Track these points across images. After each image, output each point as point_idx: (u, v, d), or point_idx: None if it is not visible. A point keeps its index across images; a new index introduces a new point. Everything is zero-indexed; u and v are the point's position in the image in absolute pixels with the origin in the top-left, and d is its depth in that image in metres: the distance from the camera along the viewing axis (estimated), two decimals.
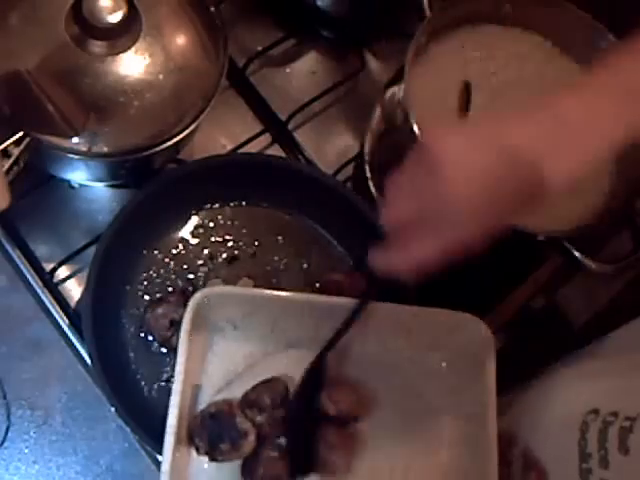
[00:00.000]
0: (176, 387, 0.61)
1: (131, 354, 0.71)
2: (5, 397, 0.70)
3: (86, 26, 0.63)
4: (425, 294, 0.71)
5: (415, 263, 0.52)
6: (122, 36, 0.65)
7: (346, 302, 0.64)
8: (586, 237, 0.68)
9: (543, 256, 0.81)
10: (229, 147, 0.82)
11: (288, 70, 0.88)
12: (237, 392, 0.64)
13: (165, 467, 0.59)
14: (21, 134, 0.62)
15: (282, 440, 0.64)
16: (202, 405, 0.64)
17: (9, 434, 0.69)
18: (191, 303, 0.63)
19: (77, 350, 0.72)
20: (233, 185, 0.75)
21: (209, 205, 0.76)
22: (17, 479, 0.68)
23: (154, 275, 0.73)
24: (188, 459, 0.62)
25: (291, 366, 0.66)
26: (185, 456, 0.62)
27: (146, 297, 0.72)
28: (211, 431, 0.61)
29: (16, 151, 0.62)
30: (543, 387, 0.63)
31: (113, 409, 0.66)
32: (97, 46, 0.65)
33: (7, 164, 0.61)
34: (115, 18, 0.62)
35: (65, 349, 0.72)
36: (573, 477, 0.53)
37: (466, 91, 0.71)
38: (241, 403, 0.63)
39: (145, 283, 0.73)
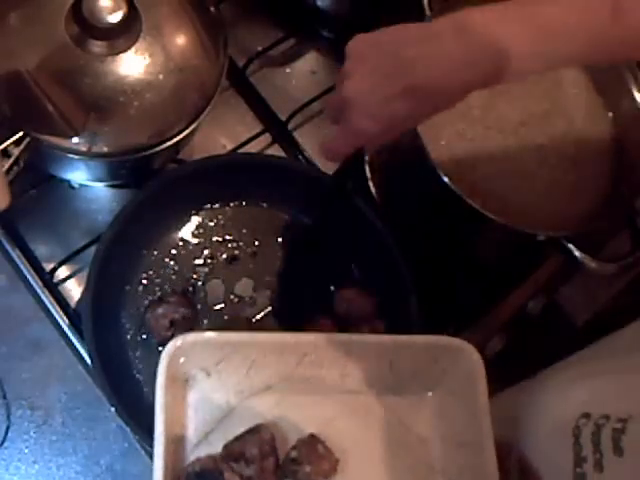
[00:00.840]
0: (158, 449, 0.57)
1: (131, 354, 0.71)
2: (5, 397, 0.70)
3: (86, 26, 0.63)
4: (426, 295, 0.71)
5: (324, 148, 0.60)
6: (122, 36, 0.65)
7: (332, 336, 0.63)
8: (586, 237, 0.68)
9: (543, 256, 0.81)
10: (229, 147, 0.82)
11: (288, 70, 0.88)
12: (218, 443, 0.61)
13: None
14: (21, 134, 0.62)
15: None
16: (184, 461, 0.60)
17: (9, 434, 0.69)
18: (163, 354, 0.59)
19: (77, 350, 0.72)
20: (233, 185, 0.75)
21: (209, 205, 0.76)
22: (17, 479, 0.68)
23: (154, 275, 0.73)
24: None
25: (272, 408, 0.63)
26: None
27: (146, 297, 0.72)
28: None
29: (16, 151, 0.62)
30: (535, 392, 0.62)
31: (113, 409, 0.66)
32: (97, 46, 0.65)
33: (7, 164, 0.61)
34: (115, 18, 0.62)
35: (65, 349, 0.72)
36: None
37: None
38: (225, 456, 0.60)
39: (145, 283, 0.73)
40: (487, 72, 0.52)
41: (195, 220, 0.76)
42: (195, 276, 0.74)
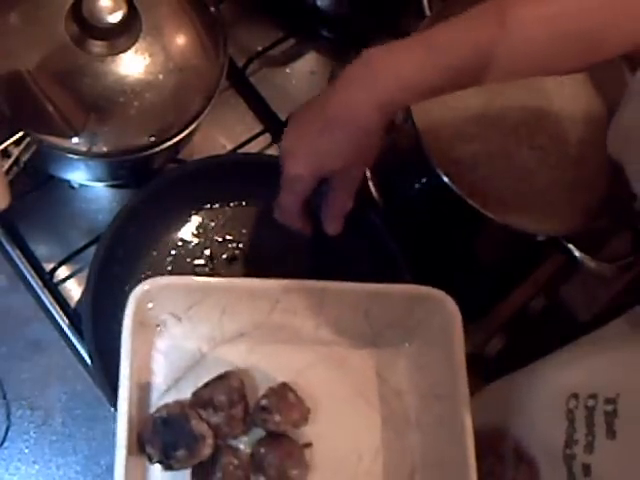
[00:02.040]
0: (123, 393, 0.56)
1: None
2: (5, 397, 0.70)
3: (86, 26, 0.63)
4: None
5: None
6: (122, 36, 0.65)
7: (305, 283, 0.62)
8: (586, 237, 0.68)
9: (543, 256, 0.81)
10: (229, 147, 0.82)
11: (288, 70, 0.88)
12: (188, 390, 0.60)
13: (119, 474, 0.54)
14: (21, 134, 0.62)
15: (241, 441, 0.60)
16: (152, 408, 0.59)
17: (9, 434, 0.69)
18: (132, 297, 0.58)
19: (77, 350, 0.72)
20: (233, 185, 0.75)
21: (209, 205, 0.76)
22: (17, 479, 0.68)
23: (154, 275, 0.73)
24: (143, 469, 0.58)
25: (244, 356, 0.62)
26: (140, 466, 0.57)
27: None
28: (164, 438, 0.56)
29: (16, 151, 0.62)
30: (528, 379, 0.63)
31: (113, 409, 0.66)
32: (97, 46, 0.65)
33: (7, 164, 0.61)
34: (115, 18, 0.62)
35: (65, 349, 0.72)
36: (559, 464, 0.54)
37: None
38: (194, 403, 0.58)
39: None
40: (393, 99, 0.58)
41: (195, 220, 0.76)
42: (195, 276, 0.74)
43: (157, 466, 0.58)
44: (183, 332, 0.62)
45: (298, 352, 0.63)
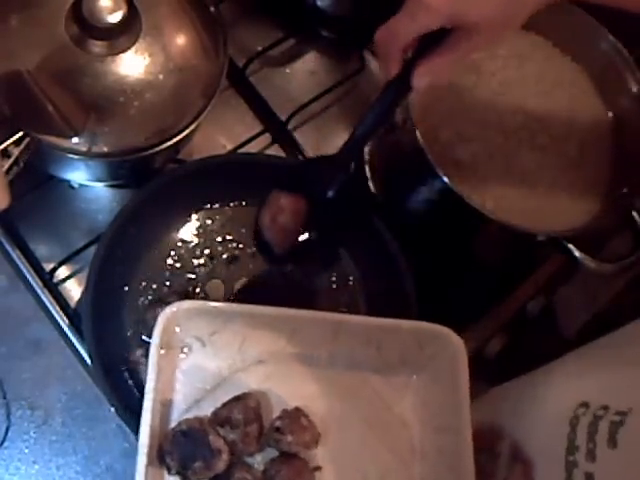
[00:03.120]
0: (147, 405, 0.59)
1: (131, 354, 0.71)
2: (5, 397, 0.70)
3: (86, 26, 0.63)
4: (426, 294, 0.71)
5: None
6: (122, 36, 0.65)
7: (320, 314, 0.64)
8: (586, 237, 0.68)
9: (543, 256, 0.81)
10: (229, 147, 0.82)
11: (288, 70, 0.88)
12: (208, 410, 0.63)
13: None
14: (21, 134, 0.62)
15: (255, 460, 0.63)
16: (172, 424, 0.63)
17: (9, 434, 0.69)
18: (160, 318, 0.62)
19: (77, 350, 0.72)
20: (233, 185, 0.75)
21: (209, 205, 0.76)
22: (17, 479, 0.68)
23: (154, 275, 0.73)
24: (161, 478, 0.61)
25: (261, 381, 0.65)
26: (158, 474, 0.60)
27: (146, 297, 0.72)
28: (183, 450, 0.59)
29: (16, 151, 0.62)
30: (534, 382, 0.63)
31: (113, 409, 0.66)
32: (97, 46, 0.65)
33: (7, 164, 0.61)
34: (115, 18, 0.62)
35: (65, 349, 0.72)
36: (558, 469, 0.54)
37: None
38: (212, 420, 0.62)
39: (145, 283, 0.73)
40: None
41: (195, 220, 0.76)
42: (195, 276, 0.74)
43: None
44: (206, 356, 0.66)
45: (312, 379, 0.66)
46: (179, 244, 0.75)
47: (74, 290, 0.75)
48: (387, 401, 0.66)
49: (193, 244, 0.75)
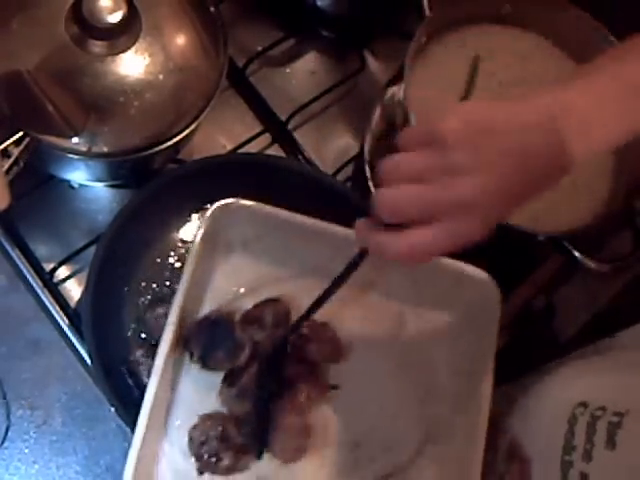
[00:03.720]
0: (182, 287, 0.60)
1: (131, 354, 0.71)
2: (5, 397, 0.70)
3: (86, 26, 0.63)
4: None
5: (413, 249, 0.47)
6: (122, 36, 0.65)
7: None
8: (586, 237, 0.68)
9: (543, 256, 0.81)
10: (229, 147, 0.82)
11: (288, 70, 0.88)
12: (239, 310, 0.64)
13: (159, 362, 0.59)
14: (21, 134, 0.62)
15: (274, 361, 0.63)
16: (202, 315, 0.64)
17: (9, 434, 0.69)
18: (209, 212, 0.62)
19: (77, 350, 0.72)
20: (233, 185, 0.75)
21: (209, 205, 0.76)
22: (17, 479, 0.68)
23: (154, 275, 0.73)
24: (179, 366, 0.62)
25: (298, 292, 0.65)
26: (177, 362, 0.62)
27: (146, 297, 0.72)
28: (208, 337, 0.61)
29: (16, 151, 0.62)
30: (537, 381, 0.63)
31: (113, 409, 0.66)
32: (97, 46, 0.65)
33: (7, 164, 0.61)
34: (115, 18, 0.62)
35: (65, 349, 0.72)
36: (554, 469, 0.54)
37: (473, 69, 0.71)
38: (242, 318, 0.63)
39: (145, 283, 0.73)
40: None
41: (195, 220, 0.76)
42: None
43: (191, 371, 0.62)
44: (246, 259, 0.66)
45: (346, 302, 0.66)
46: (179, 244, 0.75)
47: (74, 290, 0.75)
48: (415, 337, 0.66)
49: None
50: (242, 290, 0.65)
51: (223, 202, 0.63)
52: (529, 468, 0.57)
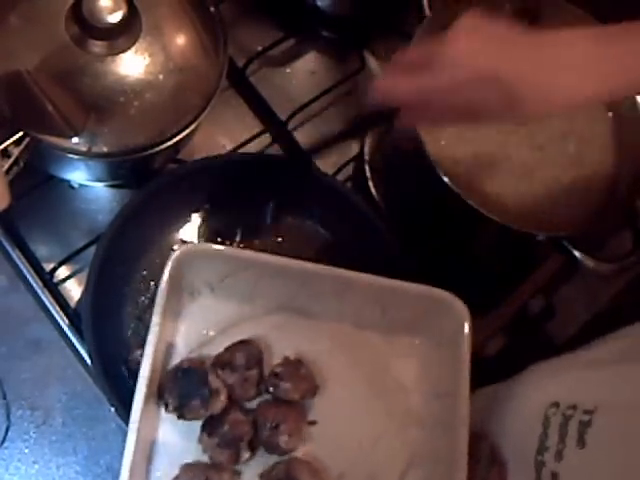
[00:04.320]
0: (151, 338, 0.60)
1: (131, 354, 0.71)
2: (5, 397, 0.70)
3: (86, 26, 0.63)
4: None
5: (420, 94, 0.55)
6: (122, 36, 0.65)
7: (330, 269, 0.64)
8: (586, 237, 0.69)
9: (543, 256, 0.81)
10: (229, 147, 0.82)
11: (288, 70, 0.88)
12: (210, 354, 0.64)
13: (135, 417, 0.58)
14: (21, 134, 0.62)
15: (252, 405, 0.63)
16: (175, 363, 0.64)
17: (9, 434, 0.69)
18: (172, 258, 0.62)
19: (77, 350, 0.72)
20: (233, 185, 0.75)
21: (209, 205, 0.76)
22: (17, 479, 0.68)
23: (154, 275, 0.73)
24: (156, 416, 0.62)
25: (266, 331, 0.66)
26: (153, 412, 0.62)
27: (146, 297, 0.72)
28: (182, 387, 0.60)
29: (16, 151, 0.62)
30: (510, 387, 0.63)
31: (113, 409, 0.66)
32: (97, 46, 0.65)
33: (7, 164, 0.61)
34: (115, 18, 0.62)
35: (65, 349, 0.72)
36: (529, 469, 0.54)
37: None
38: (214, 363, 0.63)
39: (145, 283, 0.73)
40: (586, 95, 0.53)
41: (195, 220, 0.76)
42: None
43: (169, 420, 0.62)
44: (214, 301, 0.66)
45: (317, 335, 0.67)
46: (179, 244, 0.75)
47: (74, 290, 0.75)
48: (388, 363, 0.66)
49: None
50: (212, 333, 0.66)
51: (185, 247, 0.63)
52: (505, 470, 0.58)
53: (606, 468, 0.50)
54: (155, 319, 0.61)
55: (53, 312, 0.73)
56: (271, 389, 0.62)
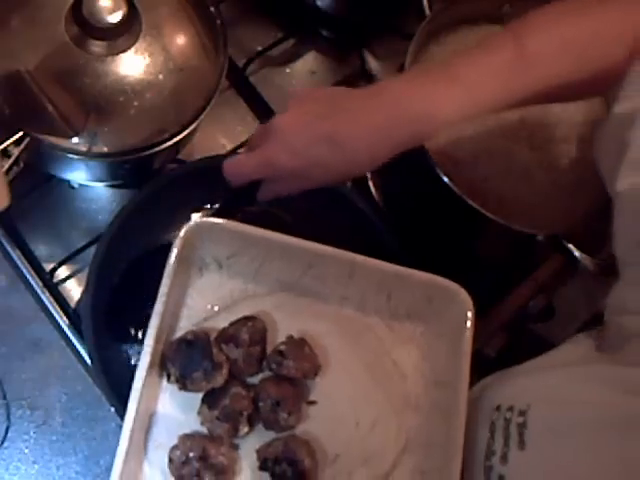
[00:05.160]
0: (157, 308, 0.60)
1: (131, 354, 0.71)
2: (5, 397, 0.70)
3: (86, 26, 0.63)
4: None
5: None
6: (122, 36, 0.65)
7: (338, 251, 0.64)
8: (586, 237, 0.69)
9: (543, 256, 0.81)
10: (229, 147, 0.82)
11: (288, 70, 0.88)
12: (214, 329, 0.64)
13: (137, 385, 0.59)
14: (21, 134, 0.62)
15: (253, 381, 0.63)
16: (179, 334, 0.64)
17: (9, 434, 0.69)
18: (183, 231, 0.62)
19: (77, 350, 0.72)
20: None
21: (209, 205, 0.76)
22: (17, 479, 0.69)
23: (154, 275, 0.73)
24: (157, 387, 0.62)
25: (271, 310, 0.66)
26: (155, 383, 0.62)
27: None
28: (185, 358, 0.60)
29: (16, 151, 0.62)
30: (472, 396, 0.63)
31: (113, 409, 0.66)
32: (97, 46, 0.65)
33: (7, 164, 0.61)
34: (115, 18, 0.62)
35: (65, 349, 0.72)
36: (479, 476, 0.55)
37: None
38: (218, 337, 0.63)
39: (145, 283, 0.73)
40: (413, 135, 0.58)
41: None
42: None
43: (170, 390, 0.62)
44: (221, 277, 0.67)
45: (320, 315, 0.67)
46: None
47: (74, 290, 0.75)
48: (389, 350, 0.66)
49: None
50: (217, 308, 0.66)
51: (195, 221, 0.63)
52: (463, 477, 0.58)
53: (543, 466, 0.51)
54: (163, 289, 0.61)
55: (53, 312, 0.73)
56: (274, 366, 0.62)
